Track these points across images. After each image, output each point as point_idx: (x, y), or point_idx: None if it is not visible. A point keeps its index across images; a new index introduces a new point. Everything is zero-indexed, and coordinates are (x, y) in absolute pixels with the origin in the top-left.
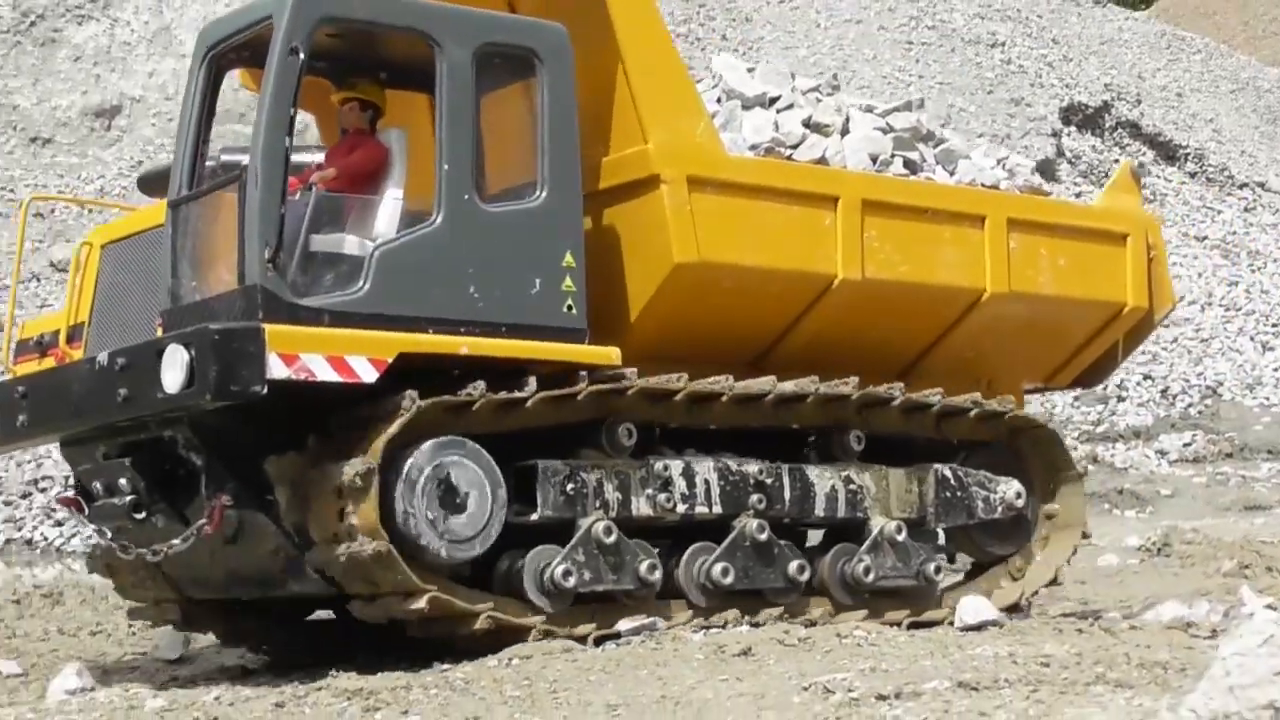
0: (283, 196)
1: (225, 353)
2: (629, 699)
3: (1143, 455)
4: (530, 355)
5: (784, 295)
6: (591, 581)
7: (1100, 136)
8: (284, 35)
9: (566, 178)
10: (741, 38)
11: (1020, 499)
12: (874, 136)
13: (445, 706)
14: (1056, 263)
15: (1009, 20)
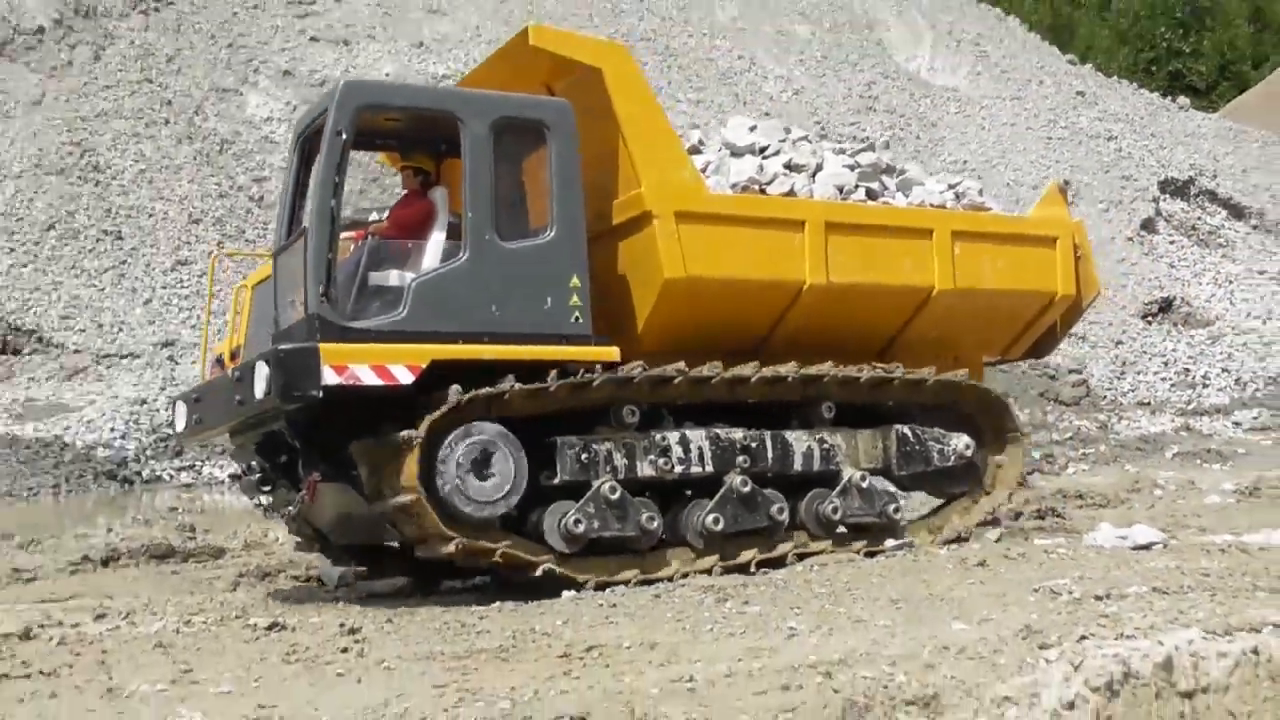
0: (331, 245)
1: (290, 367)
2: (904, 595)
3: (1223, 425)
4: (540, 357)
5: (764, 299)
6: (600, 529)
7: (1187, 201)
8: (332, 122)
9: (572, 219)
10: (928, 138)
11: (969, 449)
12: (841, 173)
13: (775, 598)
14: (996, 263)
15: (1120, 121)
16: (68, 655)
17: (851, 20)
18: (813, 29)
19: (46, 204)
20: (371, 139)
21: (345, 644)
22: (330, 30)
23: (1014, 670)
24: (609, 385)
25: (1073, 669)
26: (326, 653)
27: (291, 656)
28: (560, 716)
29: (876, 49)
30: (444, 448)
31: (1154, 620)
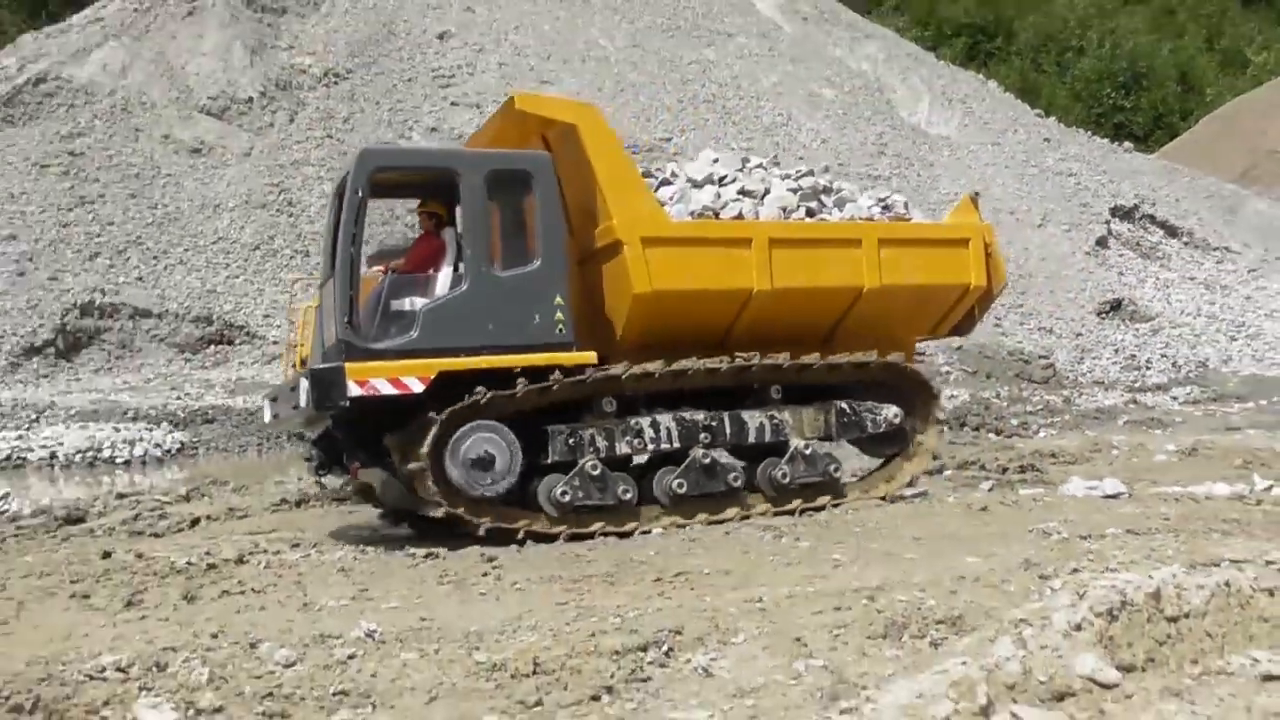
0: (353, 284)
1: (323, 382)
2: (924, 534)
3: (1163, 399)
4: (530, 363)
5: (721, 304)
6: (584, 499)
7: (1132, 223)
8: (351, 182)
9: (554, 249)
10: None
11: (898, 417)
12: (785, 195)
13: (820, 535)
14: (916, 262)
15: (1078, 161)
16: (272, 576)
17: (866, 84)
18: (835, 91)
19: (254, 231)
20: (396, 191)
21: (485, 569)
22: (465, 97)
23: (1022, 597)
24: (576, 384)
25: (1078, 597)
26: (471, 576)
27: (444, 579)
28: (660, 629)
29: (886, 106)
30: (450, 442)
31: (1132, 556)
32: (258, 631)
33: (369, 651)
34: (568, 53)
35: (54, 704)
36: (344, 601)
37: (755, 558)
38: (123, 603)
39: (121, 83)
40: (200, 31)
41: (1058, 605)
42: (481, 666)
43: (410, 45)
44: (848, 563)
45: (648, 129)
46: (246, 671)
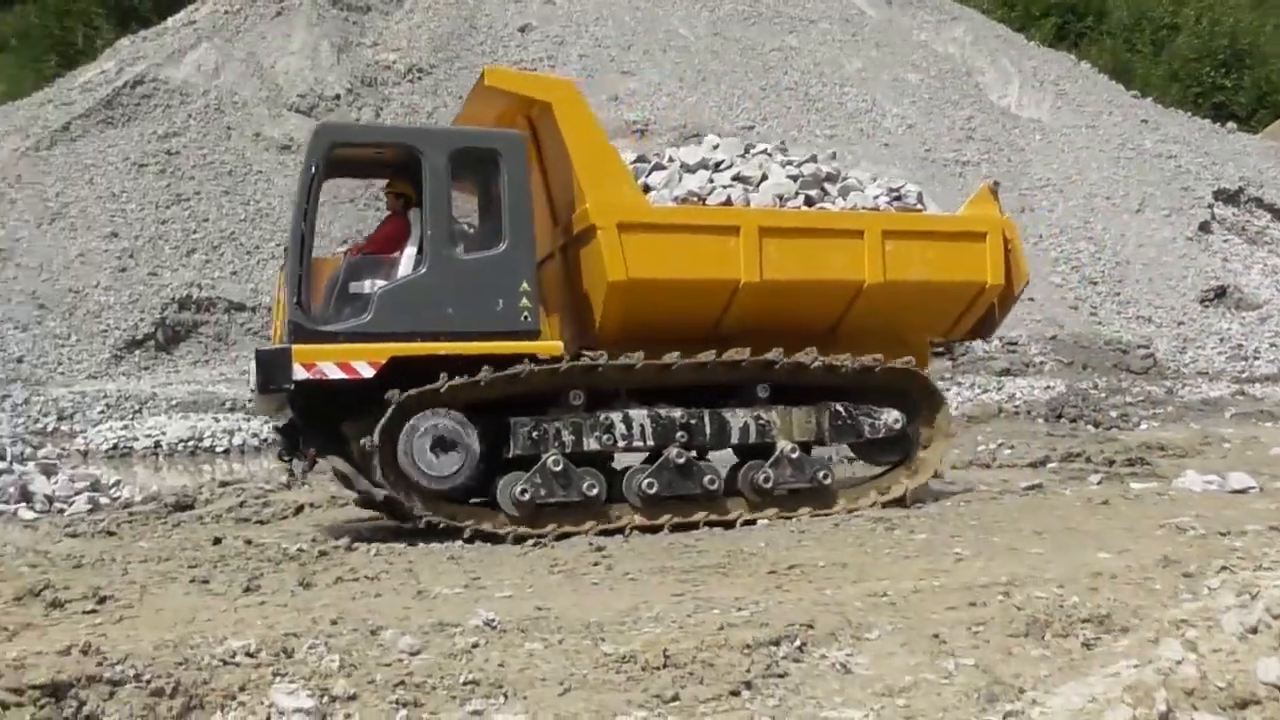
0: (302, 263)
1: (268, 365)
2: (1044, 527)
3: (1273, 390)
4: (488, 351)
5: (705, 295)
6: (545, 496)
7: (1237, 207)
8: (306, 158)
9: (521, 232)
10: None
11: (898, 422)
12: (783, 183)
13: (935, 528)
14: (926, 257)
15: (1178, 143)
16: (383, 564)
17: (953, 68)
18: (921, 76)
19: (342, 225)
20: (362, 170)
21: (595, 559)
22: None
23: (1171, 596)
24: (532, 375)
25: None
26: (581, 566)
27: (554, 568)
28: (790, 623)
29: (975, 90)
30: (401, 432)
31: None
32: (376, 618)
33: (491, 641)
34: (648, 43)
35: (192, 688)
36: (457, 590)
37: (870, 550)
38: (241, 588)
39: (214, 83)
40: (288, 31)
41: (1222, 605)
42: (610, 658)
43: (491, 39)
44: (970, 556)
45: (729, 118)
46: (374, 659)
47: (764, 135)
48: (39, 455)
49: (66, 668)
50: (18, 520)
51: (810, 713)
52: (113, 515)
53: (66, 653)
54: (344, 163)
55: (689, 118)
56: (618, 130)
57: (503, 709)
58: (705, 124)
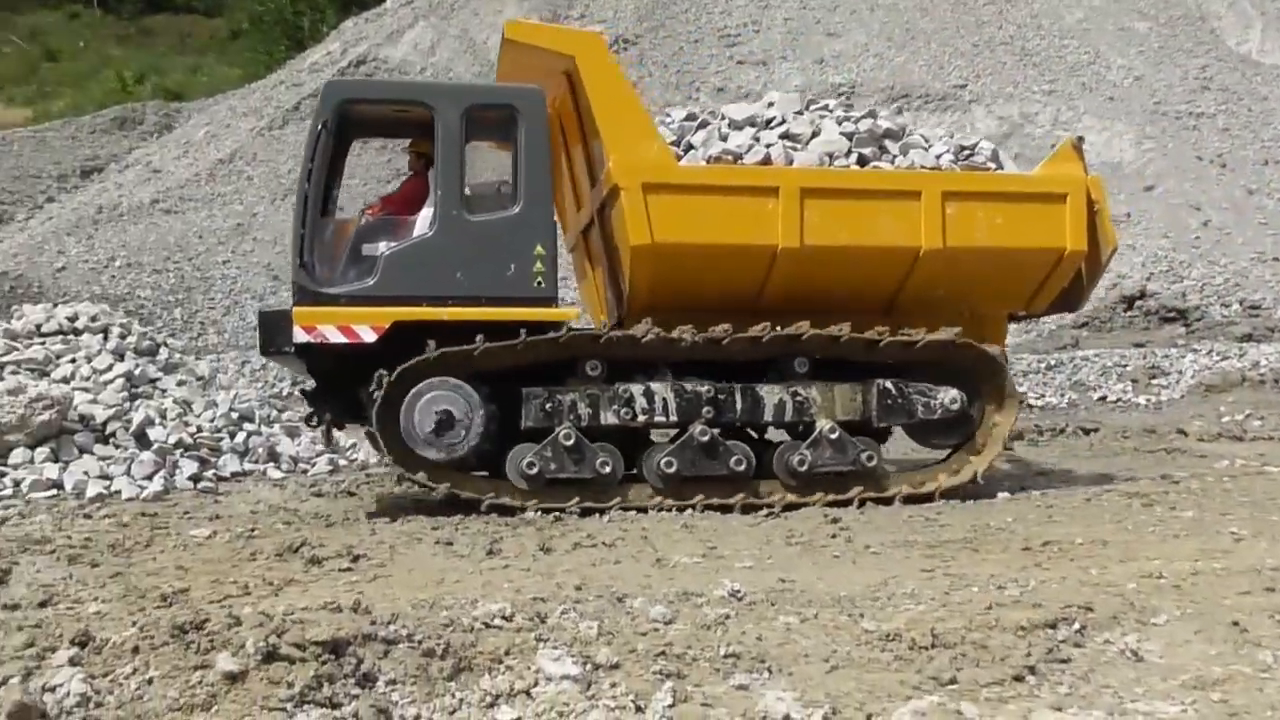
0: (305, 222)
1: (270, 326)
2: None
3: None
4: (495, 318)
5: (740, 262)
6: (556, 471)
7: None
8: (315, 115)
9: (539, 193)
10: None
11: (955, 402)
12: (835, 140)
13: (1200, 504)
14: (993, 221)
15: None
16: (618, 531)
17: (1186, 13)
18: (1150, 24)
19: None
20: (379, 129)
21: (832, 531)
22: (751, 55)
23: None
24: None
25: None
26: (818, 538)
27: (791, 540)
28: (1067, 605)
29: (1210, 37)
30: (405, 401)
31: None
32: (619, 585)
33: (741, 612)
34: (855, 3)
35: (461, 650)
36: (695, 559)
37: (1132, 528)
38: (484, 551)
39: (430, 60)
40: (499, 7)
41: None
42: (872, 635)
43: (696, 7)
44: (1250, 537)
45: (940, 76)
46: (630, 628)
47: (977, 93)
48: (283, 418)
49: (344, 625)
50: (267, 479)
51: (1110, 703)
52: (351, 476)
53: (338, 609)
54: (365, 122)
55: (897, 78)
56: (823, 93)
57: (769, 684)
58: (914, 84)
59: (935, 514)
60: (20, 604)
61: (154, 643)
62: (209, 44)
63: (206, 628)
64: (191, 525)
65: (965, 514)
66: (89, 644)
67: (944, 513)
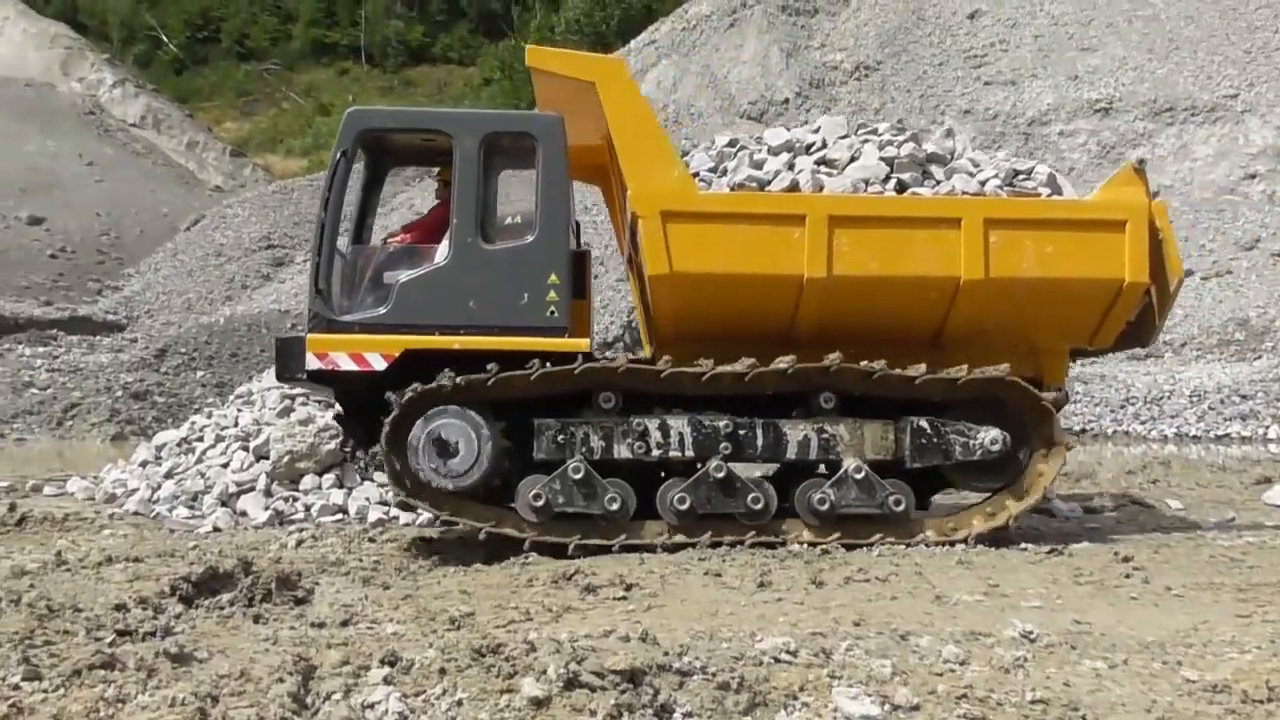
0: (321, 251)
1: (285, 353)
2: None
3: None
4: (505, 347)
5: (766, 292)
6: (564, 505)
7: None
8: (337, 144)
9: (555, 222)
10: None
11: (996, 444)
12: (872, 166)
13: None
14: (1043, 250)
15: None
16: (889, 565)
17: None
18: None
19: None
20: (405, 158)
21: (1124, 570)
22: (1000, 75)
23: None
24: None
25: None
26: (1110, 578)
27: (1079, 578)
28: None
29: None
30: (411, 430)
31: None
32: (899, 623)
33: (1038, 655)
34: (1111, 15)
35: (755, 684)
36: (977, 596)
37: None
38: (755, 583)
39: (672, 96)
40: (740, 41)
41: None
42: (1195, 685)
43: (940, 29)
44: None
45: (1208, 87)
46: (925, 667)
47: (1250, 103)
48: None
49: (638, 655)
50: None
51: None
52: None
53: (627, 639)
54: (394, 151)
55: (1160, 91)
56: (1078, 110)
57: None
58: (1179, 96)
59: (1241, 554)
60: (325, 622)
61: (458, 665)
62: (463, 91)
63: (503, 652)
64: (467, 552)
65: (1274, 554)
66: (397, 663)
67: (1250, 553)
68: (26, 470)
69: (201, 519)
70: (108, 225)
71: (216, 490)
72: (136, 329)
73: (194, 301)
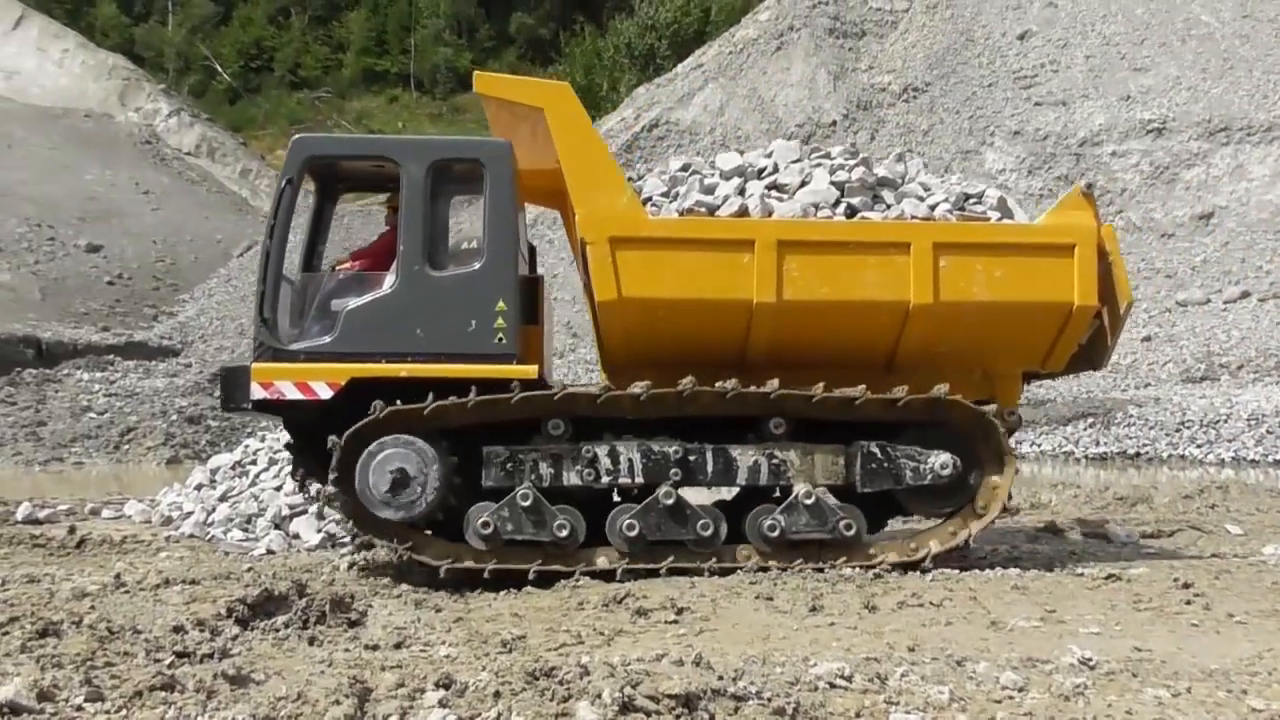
0: (266, 280)
1: (229, 382)
2: None
3: None
4: (455, 375)
5: (716, 317)
6: (512, 532)
7: None
8: (283, 171)
9: (503, 249)
10: None
11: (947, 468)
12: (823, 190)
13: None
14: (993, 274)
15: None
16: (943, 589)
17: None
18: None
19: None
20: (353, 184)
21: (1185, 597)
22: (1050, 95)
23: None
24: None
25: None
26: (1170, 604)
27: (1138, 605)
28: None
29: None
30: (365, 453)
31: None
32: (954, 648)
33: (1098, 682)
34: (1164, 34)
35: (811, 710)
36: (1034, 622)
37: None
38: (807, 607)
39: (719, 120)
40: (787, 64)
41: None
42: (1262, 715)
43: (989, 50)
44: None
45: (1264, 106)
46: (983, 694)
47: None
48: None
49: (692, 679)
50: None
51: None
52: None
53: (680, 663)
54: (343, 178)
55: (1215, 110)
56: (1130, 131)
57: None
58: (1235, 116)
59: None
60: (379, 645)
61: (513, 688)
62: None
63: (557, 675)
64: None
65: None
66: (452, 686)
67: None
68: (85, 493)
69: (255, 541)
70: (163, 252)
71: (270, 513)
72: (191, 354)
73: (247, 327)
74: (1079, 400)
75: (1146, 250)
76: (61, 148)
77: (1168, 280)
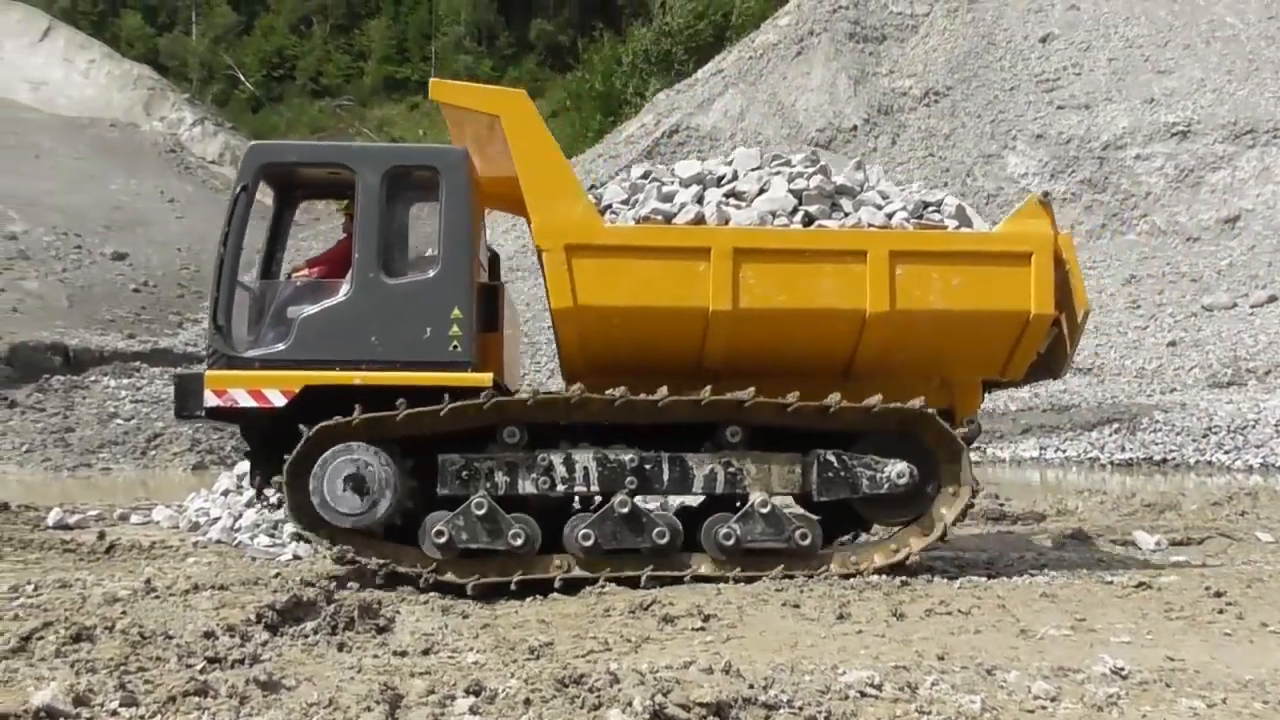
0: (220, 287)
1: (183, 390)
2: None
3: None
4: (407, 382)
5: (672, 325)
6: (467, 541)
7: None
8: (237, 178)
9: (458, 256)
10: None
11: (903, 477)
12: (780, 198)
13: None
14: (949, 282)
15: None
16: (972, 598)
17: None
18: None
19: None
20: (309, 191)
21: (1217, 606)
22: (1073, 99)
23: None
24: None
25: None
26: (1202, 613)
27: (1170, 614)
28: None
29: None
30: (314, 466)
31: None
32: (984, 657)
33: (1131, 692)
34: (1189, 37)
35: (843, 719)
36: (1064, 631)
37: None
38: (834, 615)
39: (739, 125)
40: (807, 69)
41: None
42: None
43: (1011, 54)
44: None
45: None
46: (1015, 704)
47: None
48: None
49: (723, 687)
50: None
51: None
52: None
53: (709, 671)
54: (301, 184)
55: (1240, 113)
56: (1154, 134)
57: None
58: (1261, 118)
59: None
60: (408, 651)
61: (543, 696)
62: None
63: (587, 683)
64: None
65: None
66: (482, 693)
67: None
68: (113, 499)
69: (282, 547)
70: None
71: None
72: None
73: None
74: (1104, 406)
75: (1171, 254)
76: (88, 157)
77: (1193, 284)
